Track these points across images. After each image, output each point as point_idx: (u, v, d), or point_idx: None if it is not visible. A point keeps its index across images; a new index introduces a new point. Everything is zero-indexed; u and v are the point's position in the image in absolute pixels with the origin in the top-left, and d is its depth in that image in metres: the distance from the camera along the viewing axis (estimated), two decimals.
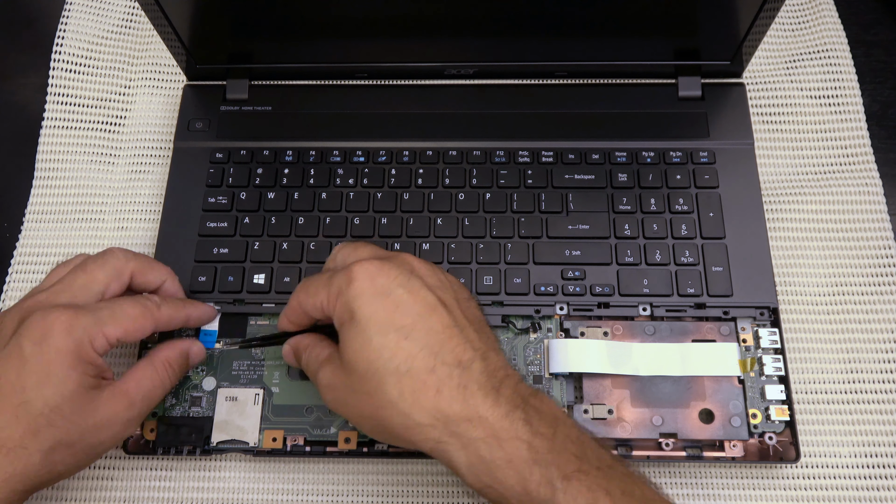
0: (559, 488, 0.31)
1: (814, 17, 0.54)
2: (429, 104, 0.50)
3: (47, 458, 0.35)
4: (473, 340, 0.34)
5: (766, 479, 0.42)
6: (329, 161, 0.48)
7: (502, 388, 0.33)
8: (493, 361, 0.34)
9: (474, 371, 0.33)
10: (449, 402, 0.32)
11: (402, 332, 0.33)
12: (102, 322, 0.36)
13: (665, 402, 0.41)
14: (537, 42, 0.48)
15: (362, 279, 0.34)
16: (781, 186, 0.49)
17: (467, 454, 0.32)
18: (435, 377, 0.32)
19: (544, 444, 0.32)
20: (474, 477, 0.32)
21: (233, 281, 0.45)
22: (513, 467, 0.31)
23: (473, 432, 0.32)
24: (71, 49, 0.54)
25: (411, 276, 0.35)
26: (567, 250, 0.45)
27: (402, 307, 0.34)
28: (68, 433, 0.35)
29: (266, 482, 0.43)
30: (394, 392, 0.32)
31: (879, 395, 0.43)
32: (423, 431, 0.33)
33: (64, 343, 0.35)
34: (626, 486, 0.32)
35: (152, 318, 0.39)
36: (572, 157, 0.48)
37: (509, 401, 0.33)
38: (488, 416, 0.32)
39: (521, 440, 0.32)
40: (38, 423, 0.34)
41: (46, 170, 0.51)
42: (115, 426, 0.37)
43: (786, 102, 0.51)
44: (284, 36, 0.48)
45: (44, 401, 0.34)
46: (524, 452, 0.32)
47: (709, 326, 0.43)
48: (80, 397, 0.35)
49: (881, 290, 0.46)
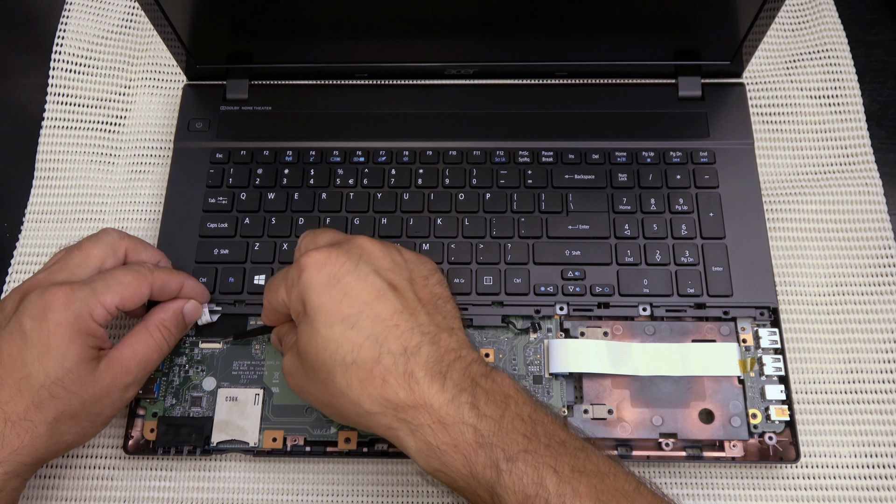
0: (504, 469, 0.31)
1: (814, 17, 0.54)
2: (429, 104, 0.50)
3: (52, 429, 0.36)
4: (423, 324, 0.34)
5: (766, 479, 0.42)
6: (329, 161, 0.48)
7: (450, 371, 0.33)
8: (444, 344, 0.34)
9: (421, 356, 0.33)
10: (395, 391, 0.32)
11: (348, 323, 0.33)
12: (98, 292, 0.37)
13: (665, 402, 0.41)
14: (537, 42, 0.48)
15: (311, 270, 0.35)
16: (781, 186, 0.49)
17: (416, 440, 0.33)
18: (380, 367, 0.33)
19: (490, 427, 0.32)
20: (424, 461, 0.33)
21: (233, 282, 0.45)
22: (459, 451, 0.32)
23: (420, 419, 0.32)
24: (71, 49, 0.54)
25: (360, 261, 0.35)
26: (567, 250, 0.45)
27: (348, 296, 0.34)
28: (70, 404, 0.36)
29: (266, 482, 0.43)
30: (342, 382, 0.33)
31: (879, 395, 0.44)
32: (374, 419, 0.33)
33: (63, 317, 0.36)
34: (577, 461, 0.32)
35: (147, 282, 0.39)
36: (572, 157, 0.48)
37: (456, 385, 0.33)
38: (433, 403, 0.32)
39: (466, 424, 0.32)
40: (41, 395, 0.35)
41: (46, 170, 0.51)
42: (114, 393, 0.38)
43: (786, 102, 0.51)
44: (284, 36, 0.48)
45: (45, 374, 0.35)
46: (469, 436, 0.32)
47: (709, 326, 0.43)
48: (80, 369, 0.36)
49: (881, 290, 0.46)
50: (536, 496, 0.31)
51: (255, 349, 0.44)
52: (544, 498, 0.31)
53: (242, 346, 0.44)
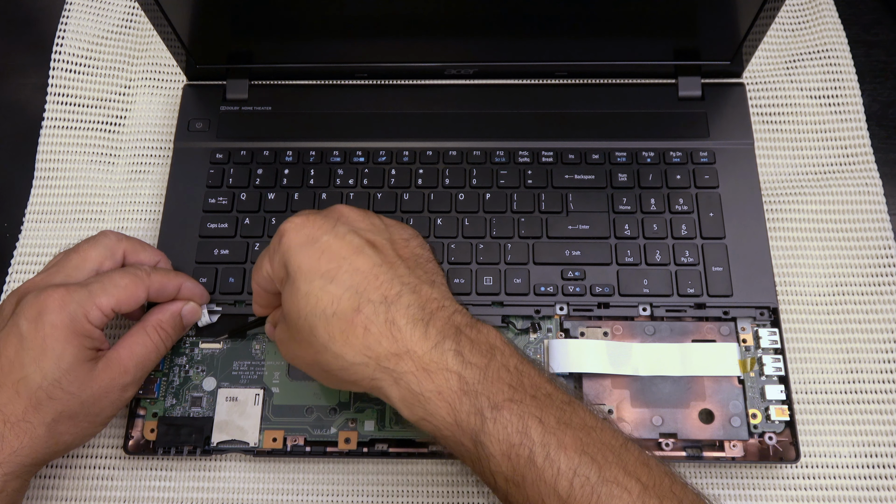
0: (488, 417, 0.31)
1: (814, 17, 0.54)
2: (429, 104, 0.50)
3: (51, 430, 0.36)
4: (403, 276, 0.34)
5: (766, 479, 0.42)
6: (329, 161, 0.48)
7: (433, 319, 0.33)
8: (426, 294, 0.34)
9: (402, 305, 0.33)
10: (377, 339, 0.32)
11: (327, 277, 0.33)
12: (94, 294, 0.37)
13: (665, 402, 0.41)
14: (537, 42, 0.48)
15: (289, 233, 0.35)
16: (781, 186, 0.49)
17: (399, 388, 0.32)
18: (361, 316, 0.32)
19: (475, 375, 0.32)
20: (409, 410, 0.32)
21: (233, 282, 0.45)
22: (442, 399, 0.32)
23: (403, 366, 0.32)
24: (71, 49, 0.54)
25: (337, 222, 0.35)
26: (567, 250, 0.45)
27: (326, 253, 0.34)
28: (69, 405, 0.36)
29: (266, 482, 0.43)
30: (324, 336, 0.33)
31: (879, 395, 0.44)
32: (357, 371, 0.33)
33: (58, 318, 0.36)
34: (563, 414, 0.32)
35: (143, 285, 0.39)
36: (572, 157, 0.48)
37: (440, 332, 0.33)
38: (416, 350, 0.32)
39: (450, 371, 0.32)
40: (39, 396, 0.35)
41: (46, 170, 0.51)
42: (113, 394, 0.38)
43: (786, 102, 0.51)
44: (284, 36, 0.48)
45: (42, 375, 0.35)
46: (453, 383, 0.32)
47: (709, 326, 0.43)
48: (77, 370, 0.36)
49: (881, 290, 0.46)
50: (520, 445, 0.31)
51: (255, 349, 0.44)
52: (528, 447, 0.30)
53: (242, 346, 0.44)
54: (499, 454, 0.31)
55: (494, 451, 0.31)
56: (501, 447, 0.31)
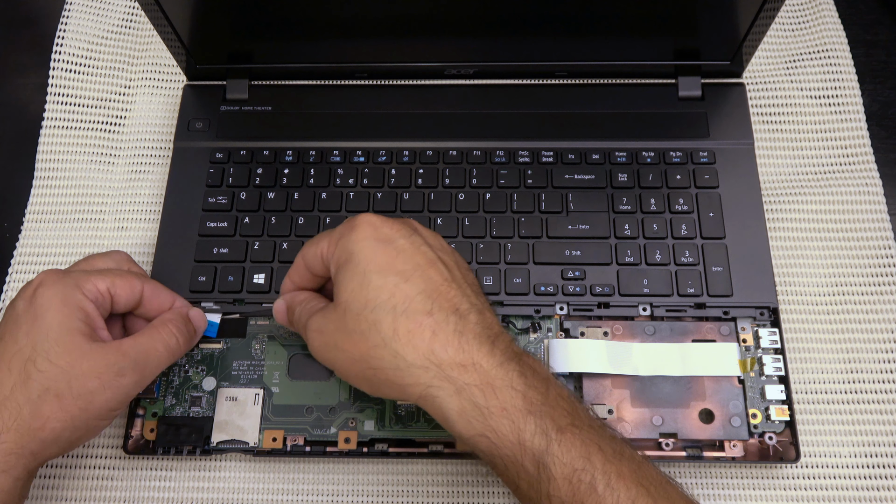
0: (554, 439, 0.31)
1: (814, 17, 0.54)
2: (429, 104, 0.50)
3: (36, 410, 0.35)
4: (471, 296, 0.35)
5: (766, 479, 0.42)
6: (329, 161, 0.48)
7: (498, 340, 0.33)
8: (489, 317, 0.35)
9: (470, 321, 0.33)
10: (444, 346, 0.32)
11: (402, 276, 0.33)
12: (91, 274, 0.39)
13: (665, 402, 0.41)
14: (537, 42, 0.48)
15: (365, 227, 0.35)
16: (781, 186, 0.49)
17: (460, 400, 0.32)
18: (432, 319, 0.33)
19: (538, 397, 0.32)
20: (466, 423, 0.32)
21: (233, 281, 0.45)
22: (507, 416, 0.31)
23: (467, 378, 0.32)
24: (71, 49, 0.54)
25: (414, 232, 0.36)
26: (567, 250, 0.45)
27: (402, 255, 0.34)
28: (55, 380, 0.35)
29: (266, 482, 0.43)
30: (388, 331, 0.32)
31: (879, 395, 0.44)
32: (414, 374, 0.32)
33: (51, 290, 0.37)
34: (616, 446, 0.32)
35: (140, 280, 0.40)
36: (572, 157, 0.48)
37: (504, 353, 0.33)
38: (483, 364, 0.32)
39: (515, 390, 0.32)
40: (28, 369, 0.35)
41: (46, 170, 0.51)
42: (105, 375, 0.36)
43: (786, 102, 0.51)
44: (284, 36, 0.48)
45: (32, 345, 0.35)
46: (519, 402, 0.31)
47: (709, 326, 0.43)
48: (67, 341, 0.36)
49: (881, 290, 0.46)
50: (584, 470, 0.31)
51: (255, 349, 0.44)
52: (591, 473, 0.31)
53: (242, 346, 0.44)
54: (560, 477, 0.31)
55: (557, 473, 0.31)
56: (565, 470, 0.31)
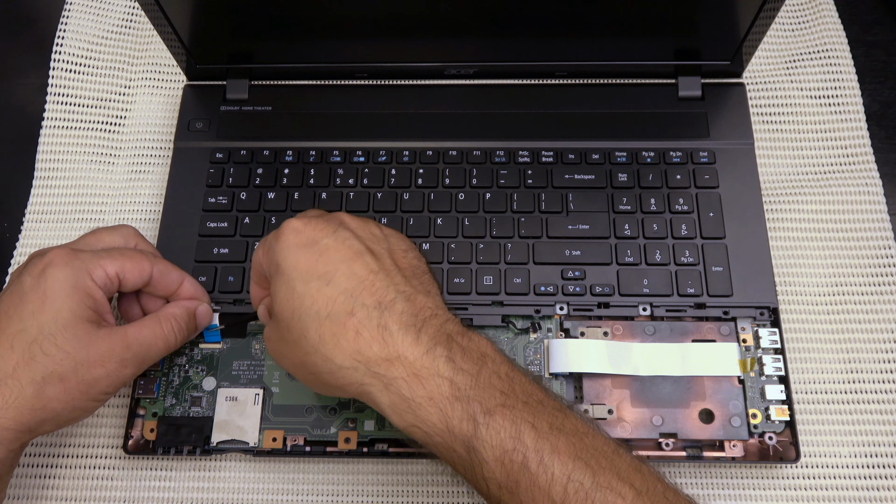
0: (481, 423, 0.31)
1: (814, 17, 0.54)
2: (429, 104, 0.50)
3: (39, 391, 0.35)
4: (399, 284, 0.34)
5: (766, 479, 0.42)
6: (329, 161, 0.48)
7: (425, 326, 0.33)
8: (420, 302, 0.34)
9: (395, 311, 0.33)
10: (368, 344, 0.32)
11: (324, 279, 0.33)
12: (100, 257, 0.38)
13: (665, 402, 0.41)
14: (537, 42, 0.48)
15: (288, 233, 0.35)
16: (781, 186, 0.49)
17: (389, 394, 0.32)
18: (354, 319, 0.33)
19: (467, 381, 0.32)
20: (398, 417, 0.32)
21: (233, 281, 0.45)
22: (434, 405, 0.31)
23: (394, 372, 0.32)
24: (71, 49, 0.54)
25: (339, 227, 0.35)
26: (567, 250, 0.45)
27: (325, 255, 0.34)
28: (61, 364, 0.35)
29: (266, 482, 0.43)
30: (315, 337, 0.33)
31: (879, 395, 0.44)
32: (346, 375, 0.33)
33: (61, 273, 0.36)
34: (555, 420, 0.32)
35: (149, 260, 0.40)
36: (572, 157, 0.48)
37: (432, 338, 0.32)
38: (408, 355, 0.32)
39: (441, 377, 0.32)
40: (33, 351, 0.35)
41: (46, 170, 0.51)
42: (109, 364, 0.37)
43: (786, 102, 0.51)
44: (284, 36, 0.48)
45: (38, 328, 0.35)
46: (445, 389, 0.31)
47: (709, 326, 0.43)
48: (75, 328, 0.36)
49: (881, 290, 0.46)
50: (514, 450, 0.30)
51: (255, 349, 0.44)
52: (522, 452, 0.30)
53: (242, 346, 0.44)
54: (492, 460, 0.31)
55: (487, 456, 0.31)
56: (495, 452, 0.31)
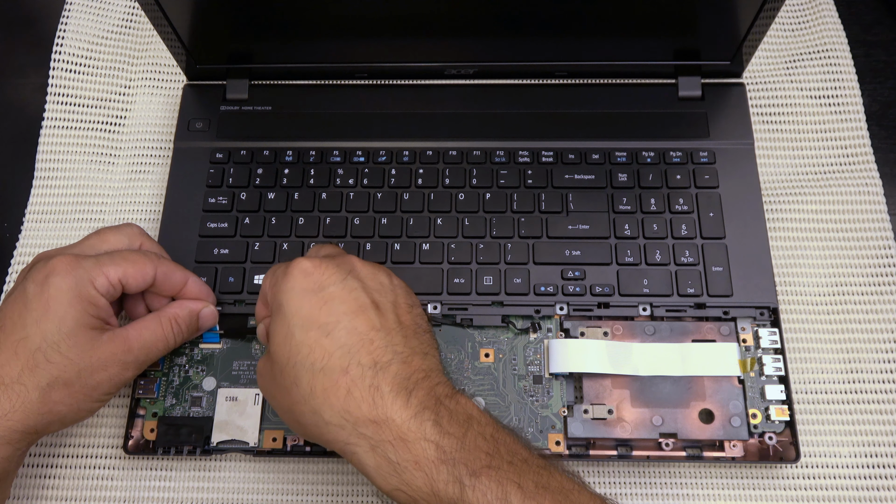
0: (467, 485, 0.31)
1: (814, 17, 0.54)
2: (429, 104, 0.50)
3: (45, 396, 0.35)
4: (397, 344, 0.34)
5: (766, 479, 0.42)
6: (329, 161, 0.48)
7: (416, 389, 0.33)
8: (415, 364, 0.34)
9: (389, 373, 0.33)
10: (358, 404, 0.32)
11: (324, 330, 0.33)
12: (102, 263, 0.38)
13: (665, 402, 0.41)
14: (537, 42, 0.48)
15: (296, 275, 0.35)
16: (781, 186, 0.49)
17: (375, 456, 0.32)
18: (347, 378, 0.33)
19: (453, 444, 0.32)
20: (383, 480, 0.32)
21: (233, 282, 0.45)
22: (420, 468, 0.31)
23: (381, 434, 0.32)
24: (71, 49, 0.54)
25: (348, 275, 0.35)
26: (567, 250, 0.45)
27: (329, 304, 0.34)
28: (65, 371, 0.36)
29: (266, 482, 0.43)
30: (307, 389, 0.33)
31: (879, 395, 0.44)
32: (332, 431, 0.33)
33: (64, 282, 0.36)
34: (541, 478, 0.32)
35: (152, 263, 0.39)
36: (572, 157, 0.48)
37: (421, 402, 0.32)
38: (395, 419, 0.32)
39: (428, 441, 0.32)
40: (37, 358, 0.35)
41: (46, 170, 0.51)
42: (112, 368, 0.37)
43: (786, 102, 0.52)
44: (284, 36, 0.48)
45: (42, 336, 0.35)
46: (431, 453, 0.31)
47: (709, 326, 0.43)
48: (78, 336, 0.36)
49: (881, 290, 0.46)
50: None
51: (255, 349, 0.44)
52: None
53: (242, 346, 0.44)
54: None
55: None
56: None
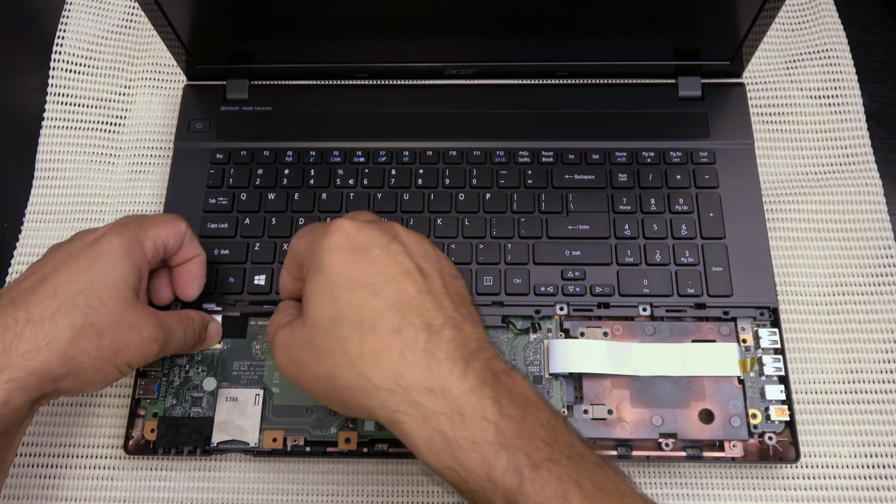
0: (527, 477, 0.28)
1: (814, 17, 0.54)
2: (429, 104, 0.50)
3: (75, 339, 0.34)
4: (448, 309, 0.32)
5: (766, 479, 0.42)
6: (329, 161, 0.48)
7: (473, 360, 0.31)
8: (468, 332, 0.32)
9: (443, 338, 0.31)
10: (412, 368, 0.30)
11: (371, 290, 0.31)
12: (146, 227, 0.39)
13: (665, 402, 0.41)
14: (537, 42, 0.48)
15: (339, 234, 0.33)
16: (781, 186, 0.49)
17: (427, 429, 0.29)
18: (400, 338, 0.30)
19: (513, 428, 0.29)
20: (433, 456, 0.30)
21: (233, 282, 0.45)
22: (477, 450, 0.29)
23: (436, 405, 0.29)
24: (71, 49, 0.54)
25: (392, 240, 0.33)
26: (567, 250, 0.45)
27: (374, 265, 0.32)
28: (102, 318, 0.36)
29: (266, 482, 0.43)
30: (354, 349, 0.30)
31: (879, 395, 0.44)
32: (380, 396, 0.30)
33: (117, 240, 0.37)
34: (597, 477, 0.29)
35: (182, 222, 0.41)
36: (572, 157, 0.48)
37: (479, 376, 0.30)
38: (453, 389, 0.29)
39: (487, 420, 0.29)
40: (77, 300, 0.35)
41: (46, 170, 0.51)
42: (144, 332, 0.37)
43: (786, 102, 0.51)
44: (284, 36, 0.48)
45: (88, 281, 0.36)
46: (491, 435, 0.29)
47: (709, 326, 0.43)
48: (122, 291, 0.37)
49: (881, 290, 0.46)
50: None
51: (256, 349, 0.44)
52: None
53: (242, 346, 0.44)
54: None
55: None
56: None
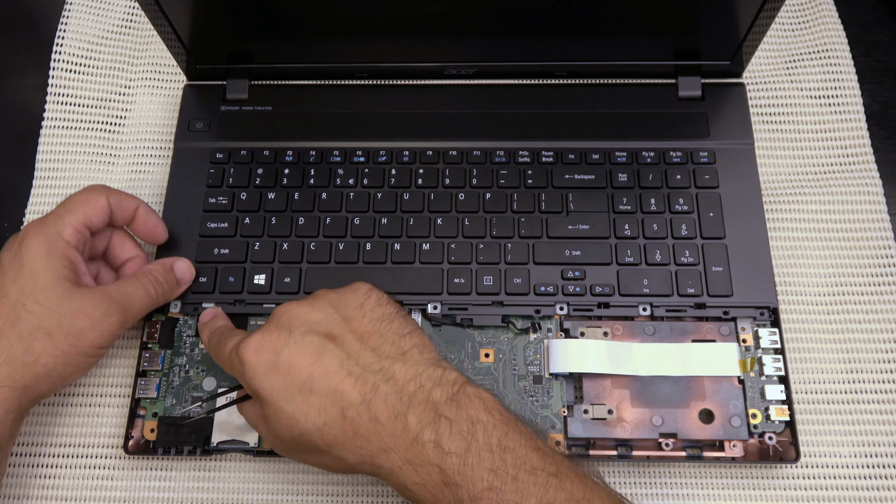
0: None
1: (814, 17, 0.54)
2: (429, 104, 0.50)
3: (28, 346, 0.37)
4: (372, 364, 0.34)
5: (766, 479, 0.42)
6: (329, 161, 0.48)
7: (412, 406, 0.33)
8: (400, 375, 0.34)
9: (380, 399, 0.33)
10: (366, 442, 0.33)
11: (305, 390, 0.34)
12: (61, 215, 0.40)
13: (665, 402, 0.41)
14: (537, 42, 0.48)
15: (249, 359, 0.35)
16: (781, 186, 0.49)
17: (394, 479, 0.33)
18: (348, 421, 0.33)
19: (455, 465, 0.32)
20: (407, 498, 0.34)
21: (233, 281, 0.45)
22: (427, 490, 0.32)
23: (393, 460, 0.33)
24: (71, 49, 0.54)
25: (291, 329, 0.35)
26: (567, 250, 0.45)
27: (293, 366, 0.34)
28: (45, 319, 0.37)
29: (266, 482, 0.43)
30: (323, 445, 0.34)
31: (879, 395, 0.44)
32: (357, 468, 0.34)
33: (35, 241, 0.39)
34: (546, 493, 0.32)
35: (101, 193, 0.42)
36: (572, 157, 0.48)
37: (419, 420, 0.33)
38: (399, 446, 0.33)
39: (432, 464, 0.32)
40: (17, 310, 0.37)
41: (46, 170, 0.51)
42: (94, 313, 0.38)
43: (786, 102, 0.51)
44: (284, 36, 0.48)
45: (19, 290, 0.37)
46: (436, 477, 0.32)
47: (709, 326, 0.43)
48: (54, 285, 0.38)
49: (881, 290, 0.46)
50: None
51: None
52: None
53: None
54: None
55: None
56: None
